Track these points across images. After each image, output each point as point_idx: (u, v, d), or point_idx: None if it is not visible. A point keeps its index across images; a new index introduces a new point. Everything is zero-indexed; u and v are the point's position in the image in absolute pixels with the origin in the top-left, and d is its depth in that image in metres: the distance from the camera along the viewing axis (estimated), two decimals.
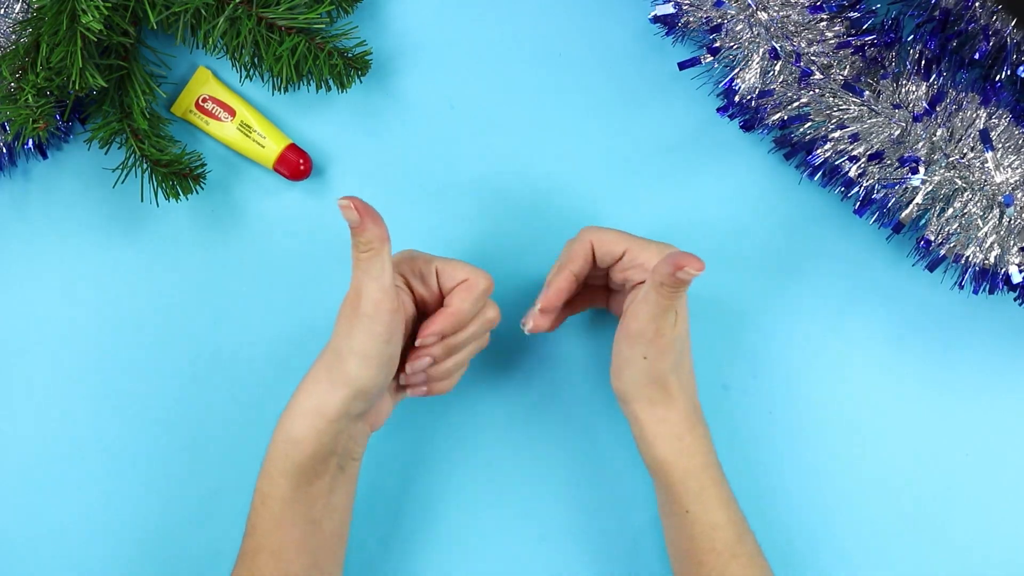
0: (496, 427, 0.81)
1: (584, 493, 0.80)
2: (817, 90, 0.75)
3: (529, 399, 0.81)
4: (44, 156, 0.81)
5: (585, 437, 0.81)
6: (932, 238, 0.76)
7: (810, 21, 0.74)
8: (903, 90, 0.75)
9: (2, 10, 0.77)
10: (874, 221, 0.78)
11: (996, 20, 0.74)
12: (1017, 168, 0.74)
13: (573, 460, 0.81)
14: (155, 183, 0.79)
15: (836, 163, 0.77)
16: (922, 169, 0.74)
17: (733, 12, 0.74)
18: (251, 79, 0.81)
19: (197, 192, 0.80)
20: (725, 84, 0.78)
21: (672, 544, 0.74)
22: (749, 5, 0.74)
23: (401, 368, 0.73)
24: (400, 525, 0.80)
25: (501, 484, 0.81)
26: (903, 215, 0.76)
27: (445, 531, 0.80)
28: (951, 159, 0.74)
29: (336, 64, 0.79)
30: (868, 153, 0.75)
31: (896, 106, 0.75)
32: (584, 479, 0.81)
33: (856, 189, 0.77)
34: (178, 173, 0.79)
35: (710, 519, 0.72)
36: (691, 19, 0.77)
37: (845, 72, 0.75)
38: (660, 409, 0.73)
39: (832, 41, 0.74)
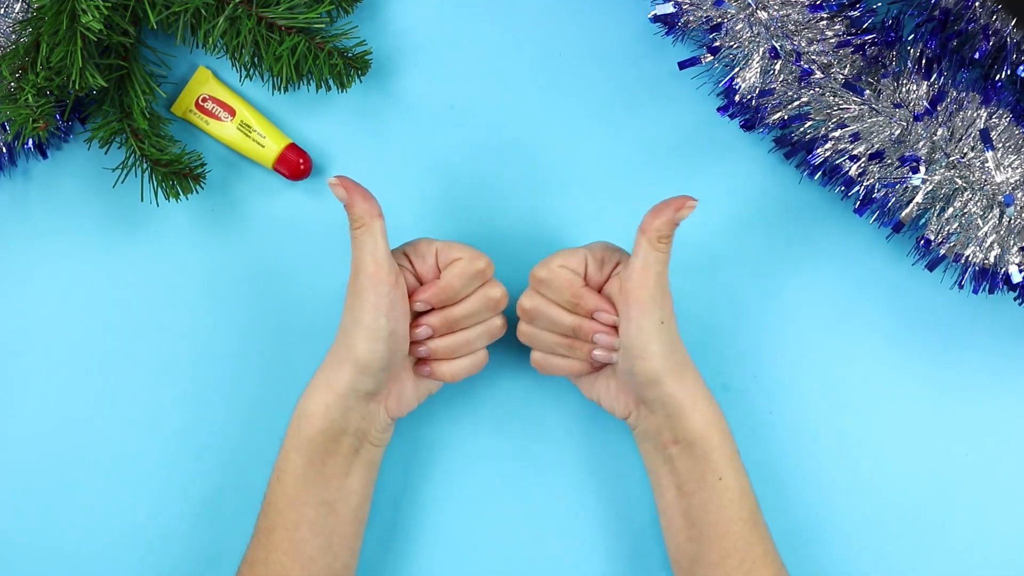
0: (495, 426, 0.81)
1: (584, 493, 0.80)
2: (817, 89, 0.76)
3: (528, 398, 0.81)
4: (44, 156, 0.81)
5: (585, 436, 0.81)
6: (932, 237, 0.76)
7: (810, 20, 0.74)
8: (904, 89, 0.75)
9: (2, 10, 0.77)
10: (874, 220, 0.78)
11: (996, 20, 0.74)
12: (1017, 168, 0.74)
13: (573, 460, 0.81)
14: (155, 183, 0.79)
15: (836, 162, 0.77)
16: (922, 168, 0.74)
17: (733, 11, 0.74)
18: (251, 79, 0.81)
19: (197, 192, 0.80)
20: (725, 83, 0.78)
21: (694, 524, 0.73)
22: (749, 4, 0.74)
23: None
24: (400, 525, 0.80)
25: (501, 484, 0.81)
26: (903, 214, 0.76)
27: (445, 531, 0.80)
28: (951, 159, 0.74)
29: (336, 64, 0.79)
30: (868, 152, 0.75)
31: (897, 105, 0.75)
32: (584, 479, 0.80)
33: (856, 188, 0.77)
34: (178, 173, 0.79)
35: (740, 484, 0.73)
36: (691, 18, 0.77)
37: (845, 71, 0.75)
38: (688, 374, 0.73)
39: (832, 40, 0.74)
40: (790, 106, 0.77)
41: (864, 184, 0.77)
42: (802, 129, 0.77)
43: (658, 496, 0.75)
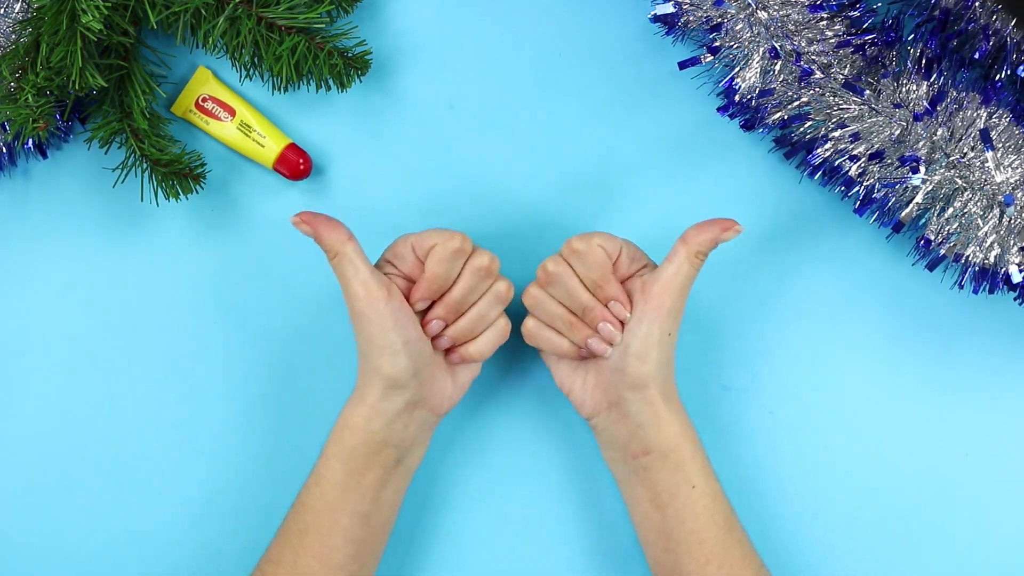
0: (495, 426, 0.81)
1: (584, 493, 0.80)
2: (817, 89, 0.76)
3: (528, 398, 0.81)
4: (44, 156, 0.81)
5: (585, 436, 0.81)
6: (932, 237, 0.76)
7: (810, 20, 0.74)
8: (904, 89, 0.75)
9: (2, 10, 0.77)
10: (874, 220, 0.78)
11: (996, 20, 0.74)
12: (1017, 168, 0.74)
13: (573, 460, 0.81)
14: (155, 183, 0.79)
15: (836, 162, 0.77)
16: (922, 168, 0.74)
17: (733, 11, 0.74)
18: (251, 79, 0.81)
19: (197, 192, 0.80)
20: (725, 83, 0.78)
21: (670, 536, 0.73)
22: (749, 4, 0.74)
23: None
24: (399, 525, 0.80)
25: (500, 484, 0.81)
26: (903, 214, 0.76)
27: (444, 531, 0.80)
28: (951, 158, 0.74)
29: (336, 64, 0.79)
30: (868, 152, 0.75)
31: (897, 105, 0.75)
32: (584, 479, 0.80)
33: (856, 188, 0.77)
34: (178, 173, 0.79)
35: (712, 490, 0.73)
36: (691, 18, 0.77)
37: (845, 71, 0.75)
38: (671, 393, 0.74)
39: (832, 40, 0.74)
40: (790, 106, 0.77)
41: (864, 184, 0.77)
42: (802, 129, 0.77)
43: (631, 508, 0.75)
